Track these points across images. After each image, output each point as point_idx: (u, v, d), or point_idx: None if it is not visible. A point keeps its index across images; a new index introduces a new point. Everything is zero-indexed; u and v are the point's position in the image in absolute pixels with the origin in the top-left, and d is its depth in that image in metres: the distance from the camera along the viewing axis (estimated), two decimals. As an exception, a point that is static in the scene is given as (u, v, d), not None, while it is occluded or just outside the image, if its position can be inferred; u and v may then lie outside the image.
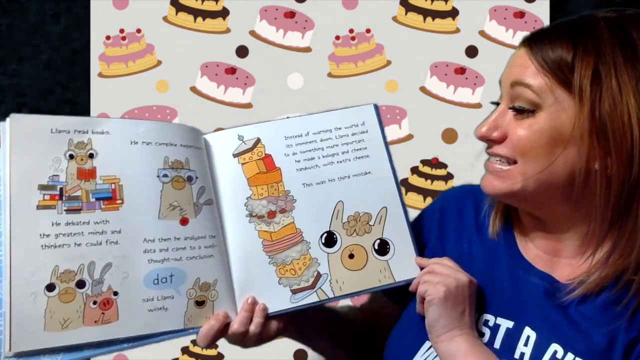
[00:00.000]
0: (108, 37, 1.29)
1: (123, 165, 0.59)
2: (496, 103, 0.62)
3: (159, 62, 1.30)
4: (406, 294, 0.65)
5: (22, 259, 0.53)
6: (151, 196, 0.60)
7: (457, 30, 1.30)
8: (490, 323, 0.61)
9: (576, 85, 0.54)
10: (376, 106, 0.70)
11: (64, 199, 0.56)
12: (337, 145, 0.68)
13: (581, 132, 0.54)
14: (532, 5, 1.28)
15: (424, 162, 1.29)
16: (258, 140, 0.67)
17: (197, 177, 0.63)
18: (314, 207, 0.65)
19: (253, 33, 1.30)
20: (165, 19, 1.30)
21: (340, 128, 0.68)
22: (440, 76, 1.29)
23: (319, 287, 0.63)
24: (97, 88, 1.29)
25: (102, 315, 0.55)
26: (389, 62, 1.30)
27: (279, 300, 0.62)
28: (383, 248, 0.65)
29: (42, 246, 0.54)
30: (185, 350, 1.25)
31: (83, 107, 1.30)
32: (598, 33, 0.55)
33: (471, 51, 1.29)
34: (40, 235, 0.54)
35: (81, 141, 0.58)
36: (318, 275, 0.63)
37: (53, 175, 0.56)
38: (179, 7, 1.30)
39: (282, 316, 0.62)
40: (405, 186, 1.26)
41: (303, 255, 0.64)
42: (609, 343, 0.54)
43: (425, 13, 1.30)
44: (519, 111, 0.57)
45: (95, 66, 1.29)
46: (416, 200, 1.27)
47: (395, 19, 1.31)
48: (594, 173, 0.54)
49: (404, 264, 0.65)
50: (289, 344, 0.72)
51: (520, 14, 1.28)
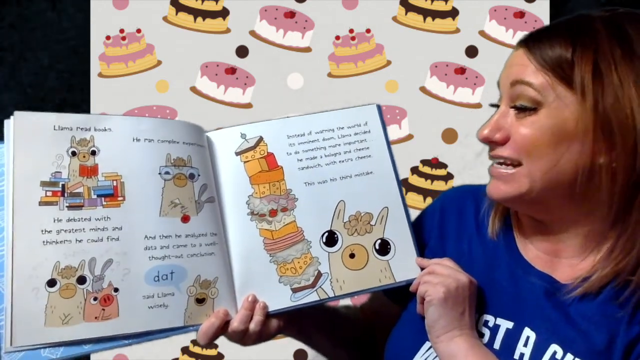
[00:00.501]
0: (108, 37, 1.29)
1: (125, 162, 0.59)
2: (496, 105, 0.62)
3: (159, 62, 1.30)
4: (406, 294, 0.65)
5: (24, 255, 0.53)
6: (153, 193, 0.60)
7: (457, 30, 1.30)
8: (490, 323, 0.61)
9: (577, 81, 0.54)
10: (379, 106, 0.70)
11: (66, 196, 0.56)
12: (340, 144, 0.68)
13: (585, 127, 0.54)
14: (532, 5, 1.29)
15: (424, 162, 1.29)
16: (260, 138, 0.67)
17: (199, 175, 0.63)
18: (316, 206, 0.65)
19: (253, 33, 1.30)
20: (165, 19, 1.30)
21: (342, 127, 0.68)
22: (440, 76, 1.30)
23: (320, 286, 0.63)
24: (97, 88, 1.29)
25: (103, 311, 0.55)
26: (389, 62, 1.30)
27: (279, 298, 0.62)
28: (384, 248, 0.65)
29: (44, 242, 0.54)
30: (185, 350, 1.25)
31: (83, 107, 1.30)
32: (595, 30, 0.56)
33: (471, 51, 1.30)
34: (42, 231, 0.54)
35: (83, 138, 0.58)
36: (318, 274, 0.63)
37: (55, 172, 0.57)
38: (179, 7, 1.30)
39: (282, 315, 0.62)
40: (405, 186, 1.26)
41: (304, 254, 0.64)
42: (609, 343, 0.54)
43: (425, 13, 1.30)
44: (521, 110, 0.57)
45: (95, 66, 1.29)
46: (416, 200, 1.27)
47: (395, 19, 1.31)
48: (599, 168, 0.54)
49: (405, 264, 0.65)
50: (289, 344, 0.72)
51: (520, 14, 1.29)
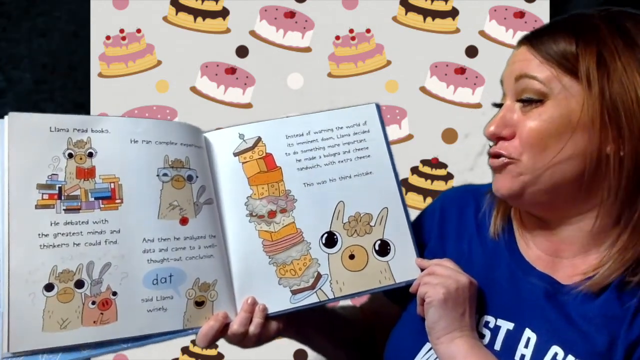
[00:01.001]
0: (108, 37, 1.29)
1: (122, 164, 0.59)
2: (498, 105, 0.61)
3: (159, 62, 1.30)
4: (406, 295, 0.65)
5: (21, 259, 0.53)
6: (151, 195, 0.59)
7: (457, 30, 1.30)
8: (490, 324, 0.60)
9: (583, 70, 0.55)
10: (378, 106, 0.70)
11: (63, 198, 0.56)
12: (339, 144, 0.67)
13: (592, 115, 0.54)
14: (532, 5, 1.28)
15: (424, 162, 1.29)
16: (259, 139, 0.66)
17: (197, 176, 0.62)
18: (315, 207, 0.65)
19: (253, 33, 1.30)
20: (165, 19, 1.30)
21: (341, 127, 0.68)
22: (440, 76, 1.29)
23: (319, 288, 0.63)
24: (97, 88, 1.29)
25: (101, 315, 0.55)
26: (389, 62, 1.30)
27: (279, 300, 0.62)
28: (384, 249, 0.65)
29: (41, 246, 0.54)
30: (185, 350, 1.25)
31: (83, 107, 1.30)
32: (595, 25, 0.56)
33: (471, 51, 1.29)
34: (38, 234, 0.54)
35: (80, 140, 0.58)
36: (318, 275, 0.63)
37: (52, 174, 0.56)
38: (179, 7, 1.30)
39: (282, 317, 0.62)
40: (405, 186, 1.26)
41: (303, 255, 0.63)
42: (610, 345, 0.54)
43: (425, 13, 1.30)
44: (527, 102, 0.57)
45: (95, 66, 1.29)
46: (416, 200, 1.27)
47: (395, 19, 1.30)
48: (606, 157, 0.55)
49: (405, 265, 0.65)
50: (289, 344, 0.72)
51: (520, 14, 1.28)
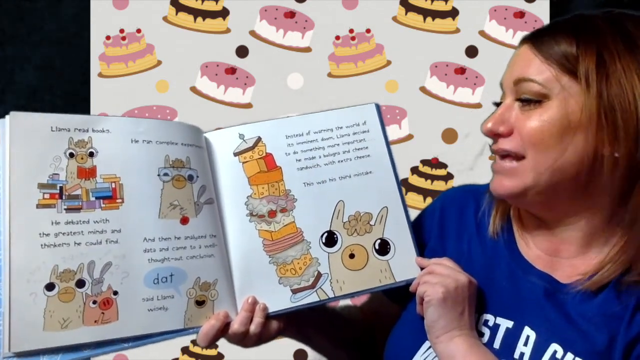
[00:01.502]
0: (108, 37, 1.29)
1: (123, 164, 0.59)
2: (498, 104, 0.62)
3: (159, 62, 1.30)
4: (406, 294, 0.65)
5: (22, 259, 0.53)
6: (151, 195, 0.59)
7: (457, 30, 1.30)
8: (490, 323, 0.60)
9: (582, 71, 0.55)
10: (378, 105, 0.70)
11: (64, 198, 0.56)
12: (338, 144, 0.67)
13: (589, 116, 0.54)
14: (532, 5, 1.29)
15: (424, 162, 1.29)
16: (259, 139, 0.66)
17: (198, 176, 0.63)
18: (315, 207, 0.65)
19: (253, 33, 1.30)
20: (165, 19, 1.30)
21: (341, 127, 0.68)
22: (440, 76, 1.29)
23: (319, 287, 0.63)
24: (97, 88, 1.29)
25: (102, 315, 0.55)
26: (389, 62, 1.30)
27: (279, 300, 0.62)
28: (383, 248, 0.65)
29: (42, 245, 0.54)
30: (185, 350, 1.25)
31: (83, 107, 1.30)
32: (596, 26, 0.57)
33: (471, 51, 1.30)
34: (40, 234, 0.54)
35: (81, 139, 0.58)
36: (318, 275, 0.63)
37: (53, 173, 0.56)
38: (179, 7, 1.30)
39: (282, 316, 0.62)
40: (405, 186, 1.26)
41: (303, 254, 0.63)
42: (609, 343, 0.54)
43: (425, 13, 1.30)
44: (527, 102, 0.57)
45: (95, 66, 1.29)
46: (416, 200, 1.27)
47: (395, 19, 1.31)
48: (601, 158, 0.55)
49: (405, 264, 0.65)
50: (289, 344, 0.72)
51: (520, 14, 1.29)
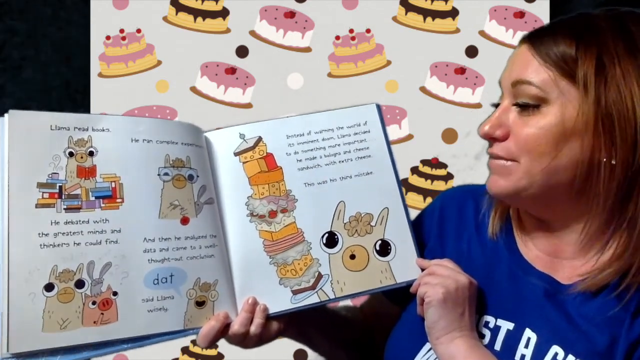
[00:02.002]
0: (108, 37, 1.29)
1: (123, 163, 0.59)
2: (497, 105, 0.61)
3: (159, 62, 1.30)
4: (406, 295, 0.65)
5: (21, 258, 0.53)
6: (152, 195, 0.59)
7: (457, 30, 1.30)
8: (490, 324, 0.60)
9: (580, 75, 0.54)
10: (378, 106, 0.70)
11: (64, 198, 0.55)
12: (339, 144, 0.67)
13: (586, 121, 0.54)
14: (532, 5, 1.29)
15: (424, 162, 1.29)
16: (259, 138, 0.66)
17: (198, 176, 0.62)
18: (315, 207, 0.65)
19: (253, 33, 1.30)
20: (165, 19, 1.30)
21: (342, 127, 0.68)
22: (440, 76, 1.29)
23: (320, 288, 0.63)
24: (97, 88, 1.29)
25: (102, 315, 0.54)
26: (389, 62, 1.30)
27: (280, 300, 0.62)
28: (384, 249, 0.65)
29: (41, 245, 0.53)
30: (185, 350, 1.25)
31: (83, 107, 1.30)
32: (598, 27, 0.56)
33: (471, 51, 1.30)
34: (39, 234, 0.54)
35: (81, 138, 0.58)
36: (319, 275, 0.63)
37: (52, 173, 0.56)
38: (179, 7, 1.30)
39: (283, 317, 0.62)
40: (405, 186, 1.25)
41: (304, 255, 0.63)
42: (610, 344, 0.54)
43: (425, 13, 1.30)
44: (524, 107, 0.57)
45: (95, 66, 1.29)
46: (416, 200, 1.27)
47: (395, 19, 1.31)
48: (597, 164, 0.54)
49: (405, 265, 0.65)
50: (289, 344, 0.72)
51: (520, 14, 1.29)
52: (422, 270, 0.64)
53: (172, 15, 1.30)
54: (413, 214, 0.70)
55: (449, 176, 1.29)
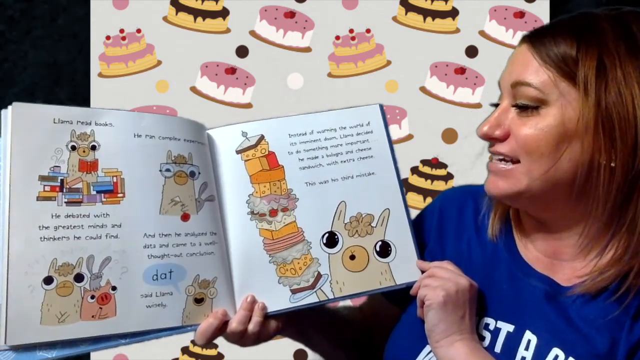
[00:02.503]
0: (108, 37, 1.29)
1: (125, 158, 0.58)
2: (496, 105, 0.61)
3: (159, 62, 1.30)
4: (405, 296, 0.64)
5: (21, 251, 0.52)
6: (153, 191, 0.59)
7: (457, 30, 1.30)
8: (490, 327, 0.60)
9: (581, 77, 0.54)
10: (382, 106, 0.70)
11: (65, 191, 0.55)
12: (342, 144, 0.67)
13: (586, 124, 0.53)
14: (532, 5, 1.29)
15: (424, 162, 1.29)
16: (262, 137, 0.66)
17: (200, 173, 0.62)
18: (316, 207, 0.64)
19: (253, 33, 1.30)
20: (165, 19, 1.30)
21: (345, 127, 0.68)
22: (440, 76, 1.30)
23: (319, 288, 0.62)
24: (97, 88, 1.29)
25: (100, 310, 0.54)
26: (389, 62, 1.30)
27: (279, 299, 0.61)
28: (384, 250, 0.65)
29: (41, 238, 0.53)
30: (185, 350, 1.24)
31: (83, 107, 1.30)
32: (600, 28, 0.55)
33: (471, 51, 1.30)
34: (39, 227, 0.53)
35: (84, 132, 0.58)
36: (318, 275, 0.63)
37: (54, 166, 0.56)
38: (179, 7, 1.30)
39: (281, 316, 0.62)
40: (405, 186, 1.24)
41: (304, 254, 0.63)
42: (611, 347, 0.54)
43: (425, 13, 1.30)
44: (523, 108, 0.56)
45: (95, 66, 1.29)
46: (416, 200, 1.27)
47: (395, 19, 1.31)
48: (597, 166, 0.54)
49: (405, 267, 0.64)
50: (289, 344, 0.72)
51: (520, 14, 1.29)
52: (423, 272, 0.63)
53: (172, 15, 1.30)
54: (413, 214, 0.70)
55: (449, 176, 1.29)
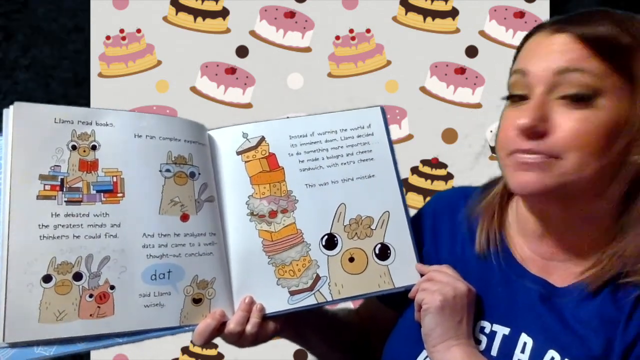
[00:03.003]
0: (108, 37, 1.29)
1: (125, 158, 0.59)
2: (510, 97, 0.56)
3: (159, 62, 1.30)
4: (402, 299, 0.64)
5: (20, 249, 0.52)
6: (152, 191, 0.59)
7: (457, 30, 1.30)
8: (486, 330, 0.59)
9: (637, 73, 0.51)
10: (383, 109, 0.69)
11: (65, 190, 0.55)
12: (342, 146, 0.67)
13: (636, 122, 0.51)
14: (532, 5, 1.29)
15: (424, 162, 1.29)
16: (262, 138, 0.66)
17: (200, 174, 0.62)
18: (316, 209, 0.64)
19: (253, 33, 1.30)
20: (165, 19, 1.30)
21: (345, 129, 0.67)
22: (440, 76, 1.29)
23: (318, 290, 0.62)
24: (97, 88, 1.29)
25: (98, 309, 0.54)
26: (389, 62, 1.30)
27: (277, 301, 0.61)
28: (384, 253, 0.64)
29: (41, 237, 0.53)
30: (185, 350, 1.24)
31: (83, 107, 1.30)
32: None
33: (471, 51, 1.30)
34: (39, 225, 0.53)
35: (84, 132, 0.58)
36: (317, 277, 0.63)
37: (55, 165, 0.56)
38: (179, 7, 1.30)
39: (280, 317, 0.61)
40: (405, 186, 1.25)
41: (303, 256, 0.63)
42: (606, 348, 0.53)
43: (425, 13, 1.30)
44: (574, 98, 0.52)
45: (95, 66, 1.29)
46: (416, 200, 1.27)
47: (395, 19, 1.31)
48: (630, 164, 0.52)
49: (404, 270, 0.64)
50: (289, 344, 0.71)
51: (520, 14, 1.29)
52: (422, 275, 0.63)
53: (172, 15, 1.30)
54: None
55: (449, 176, 1.29)
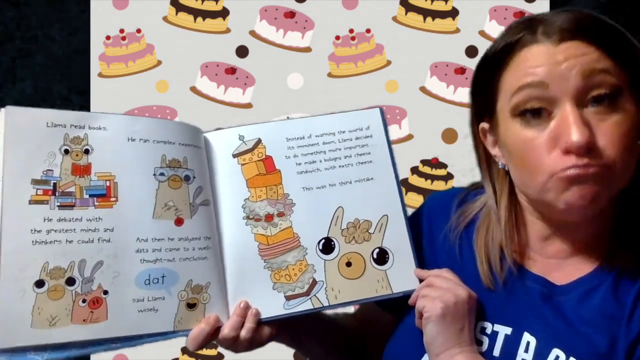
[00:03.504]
0: (108, 37, 1.29)
1: (119, 162, 0.58)
2: (531, 110, 0.53)
3: (159, 62, 1.30)
4: (399, 303, 0.63)
5: (12, 254, 0.52)
6: (146, 195, 0.58)
7: (457, 30, 1.30)
8: (487, 330, 0.59)
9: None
10: (382, 110, 0.68)
11: (57, 195, 0.55)
12: (340, 149, 0.66)
13: None
14: (532, 5, 1.29)
15: (424, 162, 1.29)
16: (259, 140, 0.65)
17: (195, 177, 0.62)
18: (313, 212, 0.63)
19: (253, 33, 1.30)
20: (165, 19, 1.30)
21: (344, 131, 0.66)
22: (440, 76, 1.29)
23: (314, 295, 0.61)
24: (97, 88, 1.29)
25: (91, 314, 0.54)
26: (389, 62, 1.30)
27: (273, 305, 0.60)
28: (382, 257, 0.63)
29: (33, 242, 0.53)
30: (185, 350, 1.24)
31: (83, 107, 1.30)
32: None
33: (471, 51, 1.29)
34: (31, 230, 0.53)
35: (77, 136, 0.57)
36: (313, 282, 0.62)
37: (47, 169, 0.55)
38: (179, 7, 1.30)
39: (275, 322, 0.61)
40: (405, 186, 1.25)
41: (299, 261, 0.62)
42: (611, 345, 0.53)
43: (425, 13, 1.30)
44: (600, 100, 0.51)
45: (95, 66, 1.29)
46: (416, 200, 1.27)
47: (395, 19, 1.30)
48: None
49: (403, 275, 0.63)
50: (289, 345, 0.71)
51: (520, 14, 1.29)
52: (421, 280, 0.62)
53: (172, 15, 1.30)
54: (412, 216, 0.69)
55: (449, 176, 1.28)
